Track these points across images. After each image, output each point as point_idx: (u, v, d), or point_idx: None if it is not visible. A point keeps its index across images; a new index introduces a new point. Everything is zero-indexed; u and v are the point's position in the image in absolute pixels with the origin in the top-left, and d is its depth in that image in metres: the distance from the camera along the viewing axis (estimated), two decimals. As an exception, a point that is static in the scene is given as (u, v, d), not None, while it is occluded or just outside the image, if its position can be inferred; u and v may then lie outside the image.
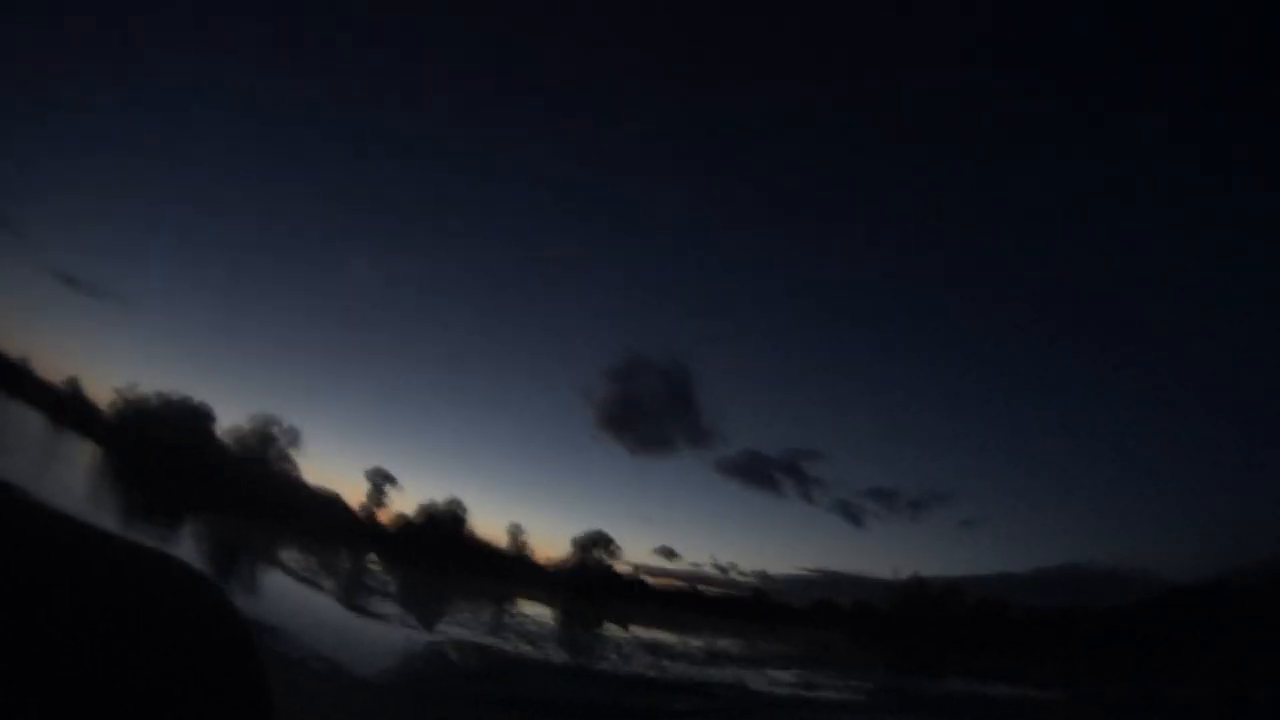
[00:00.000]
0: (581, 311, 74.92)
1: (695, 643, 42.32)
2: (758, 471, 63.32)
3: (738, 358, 78.24)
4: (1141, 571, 47.99)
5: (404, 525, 50.56)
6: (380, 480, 51.38)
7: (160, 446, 40.68)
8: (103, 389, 46.48)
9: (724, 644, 43.37)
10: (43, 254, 55.38)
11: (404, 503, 53.51)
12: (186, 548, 28.43)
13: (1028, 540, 68.21)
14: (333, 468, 73.48)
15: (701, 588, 54.95)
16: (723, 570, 55.38)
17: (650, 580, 53.49)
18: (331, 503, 50.28)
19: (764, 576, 55.99)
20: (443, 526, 49.82)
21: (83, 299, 57.26)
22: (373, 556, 44.93)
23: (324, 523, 44.92)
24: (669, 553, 55.58)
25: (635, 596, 50.25)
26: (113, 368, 69.05)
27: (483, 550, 50.15)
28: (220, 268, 70.66)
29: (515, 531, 52.18)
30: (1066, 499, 64.11)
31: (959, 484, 69.01)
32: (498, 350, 76.19)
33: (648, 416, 63.33)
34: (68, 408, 44.59)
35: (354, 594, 31.39)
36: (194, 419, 43.82)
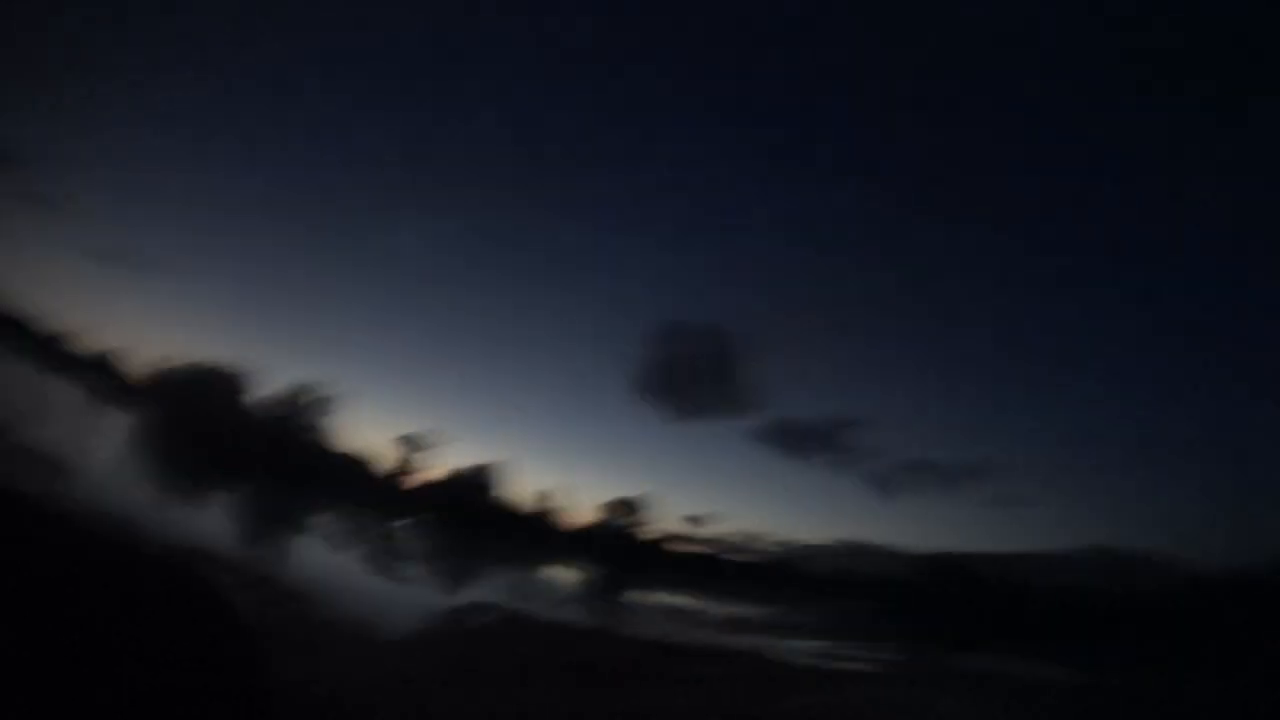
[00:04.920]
0: (623, 275, 73.27)
1: (718, 610, 42.68)
2: (794, 440, 62.45)
3: (780, 324, 76.24)
4: (1171, 559, 47.36)
5: (436, 489, 51.10)
6: (414, 443, 51.73)
7: (196, 414, 41.83)
8: (140, 361, 47.75)
9: (748, 612, 43.70)
10: (81, 229, 55.94)
11: (437, 467, 52.72)
12: (222, 514, 29.27)
13: (1060, 520, 65.10)
14: (367, 431, 74.67)
15: (728, 555, 53.86)
16: (751, 538, 54.66)
17: (678, 547, 52.68)
18: (365, 466, 50.48)
19: (792, 546, 55.30)
20: (472, 490, 50.43)
21: (121, 271, 57.72)
22: (406, 519, 45.93)
23: (358, 486, 46.03)
24: (699, 520, 54.12)
25: (662, 562, 50.11)
26: (152, 340, 69.98)
27: (511, 514, 50.47)
28: (260, 235, 70.35)
29: (545, 495, 52.39)
30: (1102, 480, 61.63)
31: (995, 461, 66.82)
32: (537, 312, 74.33)
33: (687, 382, 61.87)
34: (106, 380, 46.01)
35: (385, 558, 32.11)
36: (231, 385, 44.92)
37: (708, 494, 79.33)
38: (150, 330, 66.82)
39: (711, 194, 73.08)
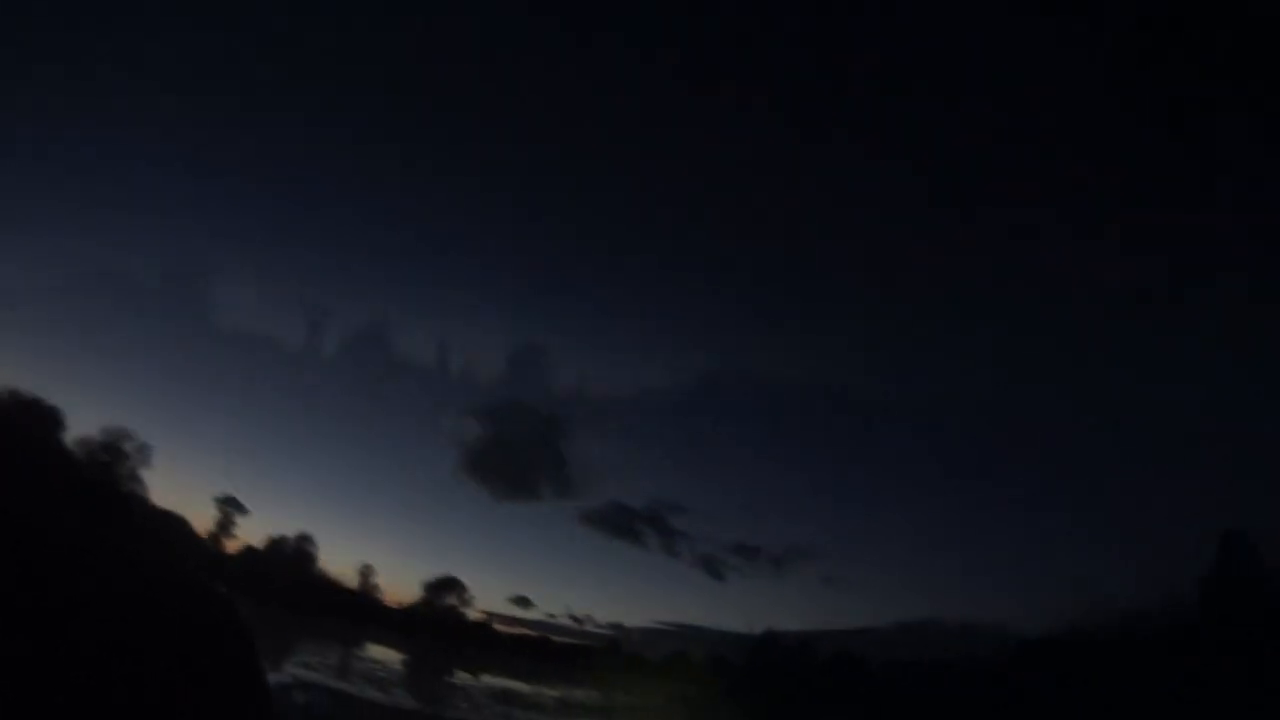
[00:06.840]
0: (451, 350, 60.81)
1: (549, 693, 44.50)
2: (621, 523, 57.29)
3: (609, 408, 64.02)
4: (997, 626, 49.61)
5: (252, 557, 48.29)
6: (230, 507, 48.21)
7: (4, 447, 38.01)
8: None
9: (578, 695, 45.58)
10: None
11: (253, 533, 51.87)
12: None
13: (887, 596, 67.59)
14: (181, 490, 60.11)
15: (556, 638, 55.79)
16: (578, 621, 55.60)
17: (504, 628, 54.05)
18: (179, 527, 46.45)
19: (620, 628, 56.57)
20: (292, 561, 48.42)
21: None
22: (219, 587, 41.53)
23: (169, 548, 41.04)
24: (524, 601, 54.98)
25: (488, 644, 50.66)
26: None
27: (332, 588, 48.69)
28: (86, 267, 52.13)
29: (367, 571, 51.01)
30: (926, 555, 65.26)
31: (822, 541, 64.02)
32: (360, 381, 63.49)
33: (513, 463, 58.60)
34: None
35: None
36: (43, 421, 38.15)
37: (533, 577, 71.63)
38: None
39: (554, 267, 61.40)
